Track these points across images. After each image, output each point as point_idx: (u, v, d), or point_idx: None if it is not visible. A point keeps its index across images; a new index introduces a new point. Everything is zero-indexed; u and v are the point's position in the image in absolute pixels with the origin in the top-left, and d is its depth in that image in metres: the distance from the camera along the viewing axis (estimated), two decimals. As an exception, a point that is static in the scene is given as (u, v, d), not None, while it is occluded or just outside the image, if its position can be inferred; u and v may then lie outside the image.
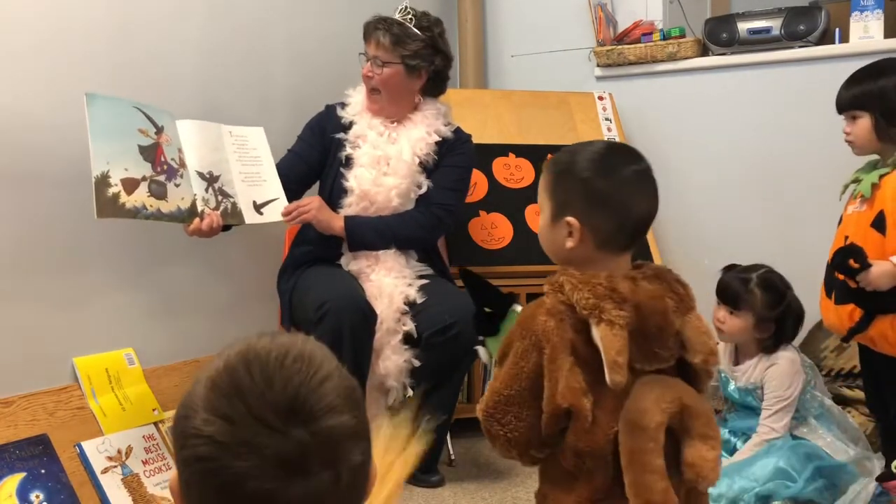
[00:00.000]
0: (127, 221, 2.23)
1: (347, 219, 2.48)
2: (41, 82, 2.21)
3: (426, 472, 2.52)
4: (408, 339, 2.45)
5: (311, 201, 2.46)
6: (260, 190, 2.42)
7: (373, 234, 2.48)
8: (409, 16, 2.53)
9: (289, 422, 0.74)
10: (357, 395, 0.81)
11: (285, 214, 2.41)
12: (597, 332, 1.27)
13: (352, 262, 2.52)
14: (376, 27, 2.52)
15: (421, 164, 2.54)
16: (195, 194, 2.25)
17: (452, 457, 2.69)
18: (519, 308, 1.52)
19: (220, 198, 2.31)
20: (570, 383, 1.28)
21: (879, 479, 2.12)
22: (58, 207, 2.25)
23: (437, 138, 2.57)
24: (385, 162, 2.52)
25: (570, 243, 1.37)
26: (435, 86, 2.62)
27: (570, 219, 1.36)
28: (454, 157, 2.60)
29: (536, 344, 1.31)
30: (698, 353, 1.35)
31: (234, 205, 2.34)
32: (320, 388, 0.77)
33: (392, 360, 2.43)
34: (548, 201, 1.40)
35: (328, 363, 0.80)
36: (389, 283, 2.46)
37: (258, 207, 2.40)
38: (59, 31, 2.25)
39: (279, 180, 2.46)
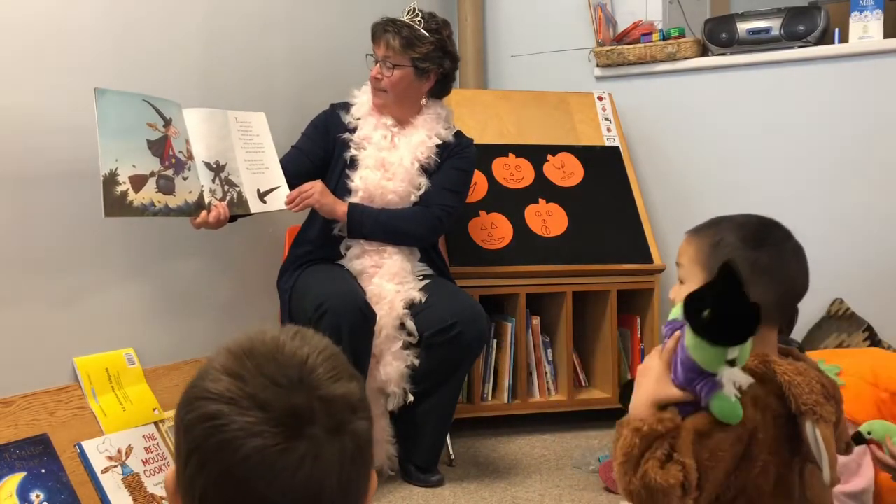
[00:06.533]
0: (127, 220, 2.23)
1: (351, 205, 2.48)
2: (39, 79, 2.21)
3: (426, 472, 2.53)
4: (409, 336, 2.45)
5: (313, 186, 2.44)
6: (263, 178, 2.42)
7: (373, 223, 2.48)
8: (419, 17, 2.51)
9: (297, 385, 0.76)
10: (359, 376, 0.83)
11: (289, 202, 2.41)
12: (817, 433, 1.24)
13: (355, 261, 2.52)
14: (385, 29, 2.50)
15: (422, 167, 2.55)
16: (202, 186, 2.25)
17: (452, 457, 2.69)
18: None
19: (226, 188, 2.31)
20: (763, 485, 1.26)
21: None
22: (57, 206, 2.25)
23: (438, 141, 2.58)
24: (387, 166, 2.53)
25: None
26: (441, 88, 2.62)
27: None
28: (456, 160, 2.60)
29: (742, 438, 1.25)
30: (843, 441, 1.41)
31: (239, 194, 2.34)
32: (328, 360, 0.80)
33: (393, 365, 2.43)
34: (700, 271, 1.35)
35: (332, 345, 0.83)
36: (391, 289, 2.45)
37: (262, 196, 2.40)
38: (60, 31, 2.25)
39: (280, 168, 2.46)
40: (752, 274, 1.30)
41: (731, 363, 1.23)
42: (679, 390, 1.28)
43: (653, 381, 1.29)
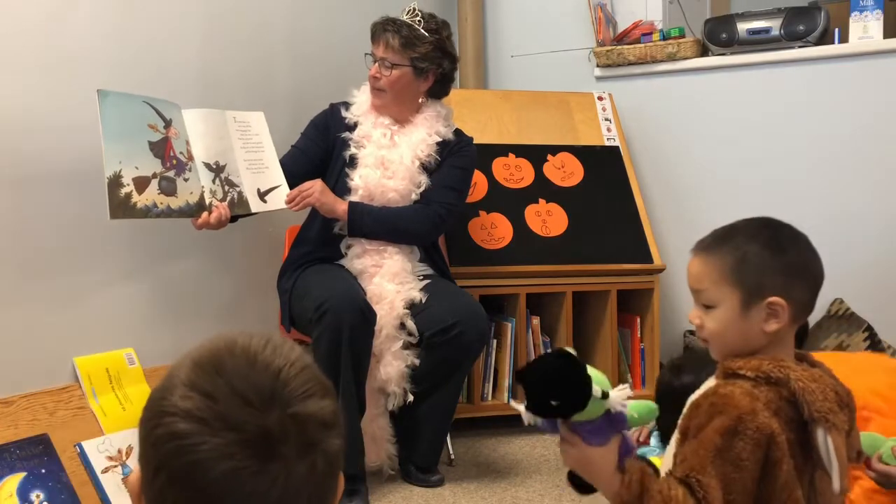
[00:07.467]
0: (128, 221, 2.23)
1: (352, 203, 2.48)
2: (39, 80, 2.21)
3: (426, 472, 2.53)
4: (409, 336, 2.45)
5: (313, 185, 2.44)
6: (263, 177, 2.42)
7: (373, 221, 2.48)
8: (418, 17, 2.52)
9: (269, 403, 0.73)
10: (332, 389, 0.81)
11: (289, 201, 2.41)
12: (829, 441, 1.23)
13: (355, 261, 2.51)
14: (385, 28, 2.51)
15: (422, 165, 2.55)
16: (203, 187, 2.25)
17: (452, 456, 2.69)
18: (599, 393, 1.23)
19: (226, 188, 2.31)
20: (795, 495, 1.25)
21: None
22: (57, 206, 2.25)
23: (438, 139, 2.58)
24: (387, 165, 2.53)
25: (773, 325, 1.29)
26: (440, 88, 2.62)
27: (774, 298, 1.28)
28: (456, 158, 2.60)
29: (760, 443, 1.23)
30: (854, 449, 1.39)
31: (240, 194, 2.34)
32: (301, 374, 0.77)
33: (393, 365, 2.43)
34: (732, 289, 1.32)
35: (306, 356, 0.80)
36: (391, 288, 2.45)
37: (262, 195, 2.40)
38: (60, 31, 2.25)
39: (280, 167, 2.46)
40: (789, 278, 1.30)
41: (606, 395, 1.22)
42: (604, 447, 1.25)
43: (591, 466, 1.26)
